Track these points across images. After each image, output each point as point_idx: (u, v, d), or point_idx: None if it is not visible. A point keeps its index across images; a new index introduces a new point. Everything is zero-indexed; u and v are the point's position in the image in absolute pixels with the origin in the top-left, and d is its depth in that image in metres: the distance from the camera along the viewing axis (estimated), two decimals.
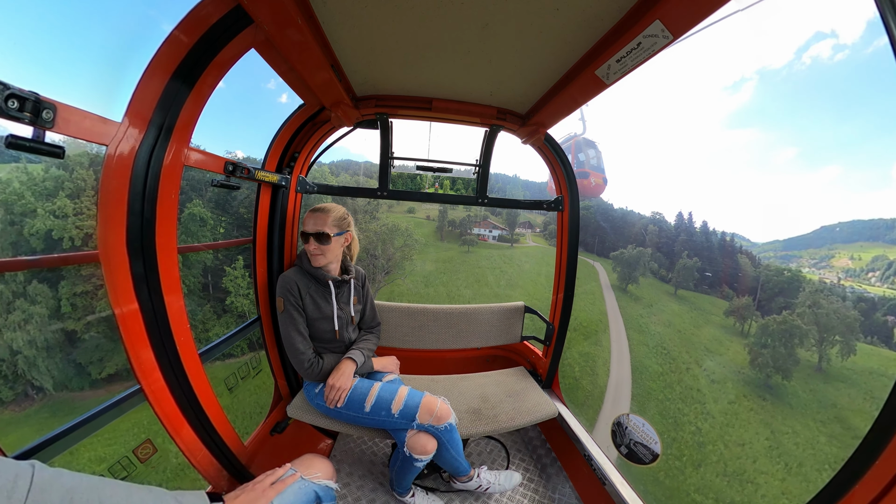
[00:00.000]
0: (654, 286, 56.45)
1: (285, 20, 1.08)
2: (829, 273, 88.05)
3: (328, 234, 1.80)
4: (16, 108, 0.77)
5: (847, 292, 61.66)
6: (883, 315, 52.38)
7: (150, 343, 1.25)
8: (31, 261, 1.40)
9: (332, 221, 1.83)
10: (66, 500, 0.67)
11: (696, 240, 71.06)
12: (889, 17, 0.75)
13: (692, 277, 56.97)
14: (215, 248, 2.12)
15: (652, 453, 1.71)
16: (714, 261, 64.50)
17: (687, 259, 59.10)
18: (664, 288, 56.76)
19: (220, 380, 2.00)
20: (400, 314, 2.51)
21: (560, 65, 1.43)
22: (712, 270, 62.48)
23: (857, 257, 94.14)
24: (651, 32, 1.03)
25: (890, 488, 0.82)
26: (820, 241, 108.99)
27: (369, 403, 1.74)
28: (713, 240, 70.91)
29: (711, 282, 61.16)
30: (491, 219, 70.74)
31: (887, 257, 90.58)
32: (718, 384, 34.41)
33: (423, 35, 1.31)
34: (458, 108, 1.93)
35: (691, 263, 58.06)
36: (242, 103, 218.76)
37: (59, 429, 1.08)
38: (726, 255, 65.82)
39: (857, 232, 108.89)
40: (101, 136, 1.00)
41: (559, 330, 2.39)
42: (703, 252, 66.20)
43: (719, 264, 63.76)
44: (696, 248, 68.08)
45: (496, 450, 2.45)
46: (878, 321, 50.53)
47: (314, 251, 1.81)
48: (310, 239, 1.81)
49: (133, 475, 1.32)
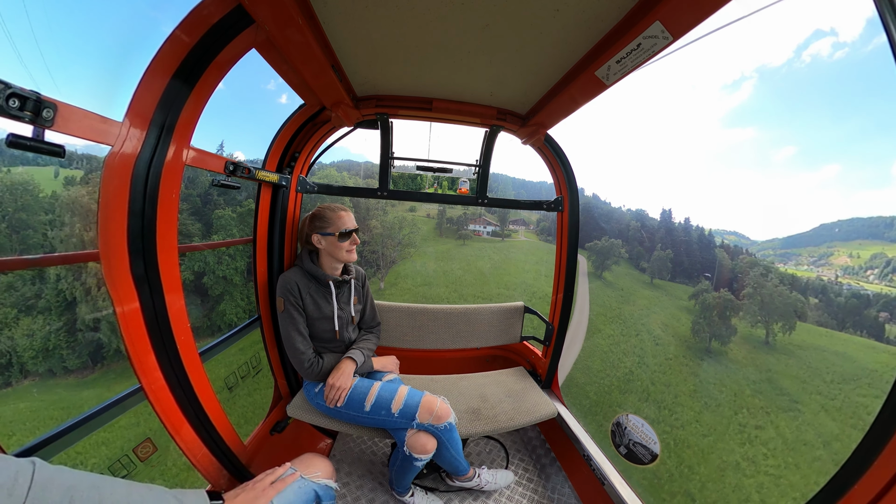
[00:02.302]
0: (631, 276, 64.30)
1: (286, 20, 1.08)
2: (828, 271, 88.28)
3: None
4: (17, 108, 0.77)
5: (843, 289, 65.61)
6: (877, 311, 56.44)
7: (151, 342, 1.25)
8: (31, 260, 1.40)
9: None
10: (67, 498, 0.67)
11: (676, 235, 77.94)
12: (887, 15, 0.76)
13: (666, 268, 64.99)
14: (216, 248, 2.12)
15: (651, 453, 1.72)
16: (692, 254, 72.34)
17: (661, 251, 67.46)
18: (641, 277, 64.27)
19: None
20: (400, 314, 2.51)
21: (560, 65, 1.43)
22: (689, 262, 69.62)
23: (855, 255, 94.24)
24: (651, 33, 1.03)
25: (890, 487, 0.83)
26: (819, 239, 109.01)
27: (369, 403, 1.74)
28: (692, 235, 77.68)
29: (687, 272, 67.79)
30: (486, 216, 75.78)
31: (886, 255, 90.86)
32: (661, 346, 42.34)
33: (424, 35, 1.31)
34: (459, 108, 1.93)
35: (664, 255, 66.42)
36: (242, 104, 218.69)
37: (59, 427, 1.08)
38: (704, 249, 73.42)
39: (857, 230, 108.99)
40: (102, 135, 1.00)
41: (559, 330, 2.40)
42: (680, 246, 73.45)
43: (696, 257, 71.23)
44: (676, 242, 75.07)
45: (496, 450, 2.46)
46: (870, 317, 55.48)
47: (355, 247, 1.89)
48: (353, 235, 1.87)
49: (132, 474, 1.33)
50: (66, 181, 43.92)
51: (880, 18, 0.77)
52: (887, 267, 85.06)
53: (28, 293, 29.85)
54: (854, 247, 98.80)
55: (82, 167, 49.60)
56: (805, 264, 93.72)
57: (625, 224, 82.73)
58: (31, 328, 28.47)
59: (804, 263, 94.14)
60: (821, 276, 78.39)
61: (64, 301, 30.16)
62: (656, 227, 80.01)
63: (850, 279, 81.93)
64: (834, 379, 39.64)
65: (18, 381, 27.01)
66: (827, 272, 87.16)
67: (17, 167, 40.39)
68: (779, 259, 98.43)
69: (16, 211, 36.34)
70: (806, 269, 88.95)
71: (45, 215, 37.63)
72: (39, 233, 36.47)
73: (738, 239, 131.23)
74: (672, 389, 35.17)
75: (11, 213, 36.17)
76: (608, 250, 63.93)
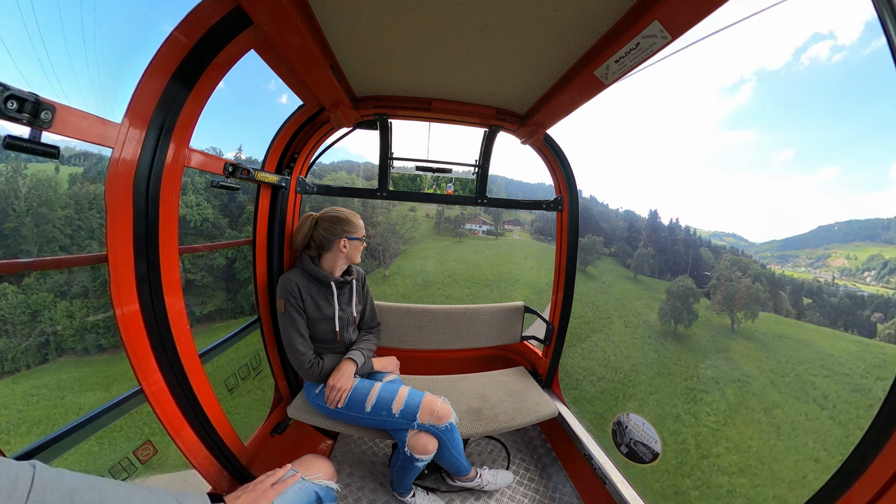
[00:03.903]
0: (616, 271, 70.11)
1: (285, 21, 1.08)
2: (826, 272, 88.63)
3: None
4: (15, 109, 0.77)
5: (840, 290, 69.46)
6: (871, 312, 59.87)
7: (151, 344, 1.25)
8: (30, 262, 1.39)
9: None
10: (67, 501, 0.67)
11: (661, 234, 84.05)
12: (887, 17, 0.75)
13: (648, 264, 71.75)
14: (215, 249, 2.11)
15: (652, 452, 1.72)
16: (678, 252, 78.96)
17: (643, 248, 74.73)
18: (625, 273, 70.10)
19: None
20: (400, 314, 2.51)
21: (559, 65, 1.43)
22: (675, 260, 76.02)
23: (853, 257, 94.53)
24: (650, 33, 1.03)
25: (889, 486, 0.82)
26: (817, 241, 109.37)
27: (370, 404, 1.74)
28: (678, 234, 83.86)
29: (672, 269, 73.59)
30: (482, 216, 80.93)
31: (882, 256, 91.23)
32: (630, 328, 47.87)
33: (423, 36, 1.31)
34: (458, 108, 1.93)
35: (647, 252, 73.73)
36: (242, 105, 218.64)
37: (59, 430, 1.07)
38: (688, 247, 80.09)
39: (854, 232, 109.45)
40: (100, 137, 1.00)
41: (559, 330, 2.39)
42: (666, 244, 79.96)
43: (681, 254, 77.92)
44: (661, 241, 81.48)
45: (497, 450, 2.45)
46: (862, 317, 59.64)
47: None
48: (363, 238, 1.97)
49: (132, 476, 1.32)
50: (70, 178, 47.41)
51: (879, 21, 0.77)
52: (884, 269, 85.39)
53: (61, 280, 33.90)
54: (851, 248, 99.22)
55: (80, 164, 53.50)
56: (803, 266, 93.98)
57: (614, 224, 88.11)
58: (70, 310, 33.21)
59: (802, 265, 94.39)
60: (817, 278, 79.43)
61: (103, 283, 32.49)
62: (641, 227, 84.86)
63: (846, 280, 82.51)
64: (789, 360, 44.35)
65: (55, 359, 31.35)
66: (824, 274, 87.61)
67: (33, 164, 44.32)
68: (777, 261, 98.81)
69: (39, 205, 40.66)
70: (803, 270, 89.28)
71: (62, 210, 41.65)
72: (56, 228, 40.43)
73: (736, 241, 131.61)
74: (630, 360, 41.18)
75: (35, 207, 40.33)
76: (590, 247, 71.17)
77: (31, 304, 31.89)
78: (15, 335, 30.57)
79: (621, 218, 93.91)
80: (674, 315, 48.72)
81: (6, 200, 40.30)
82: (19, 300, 31.90)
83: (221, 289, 40.58)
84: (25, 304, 31.73)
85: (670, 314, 48.94)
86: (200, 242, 18.90)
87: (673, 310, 49.10)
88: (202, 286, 39.78)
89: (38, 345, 31.00)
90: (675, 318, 48.55)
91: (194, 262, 39.38)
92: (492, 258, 65.33)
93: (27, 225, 39.26)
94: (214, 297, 40.25)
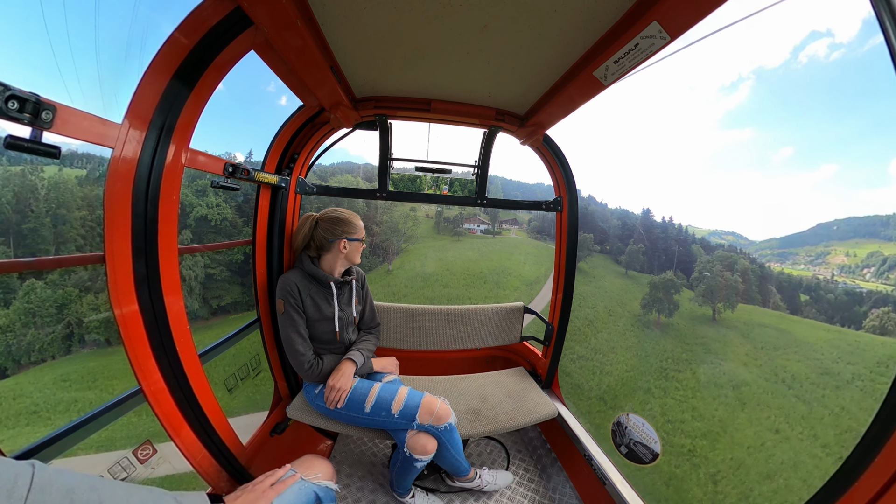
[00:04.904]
0: (608, 267, 72.87)
1: (284, 22, 1.08)
2: (825, 269, 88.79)
3: None
4: (16, 109, 0.77)
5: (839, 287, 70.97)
6: (869, 308, 61.03)
7: (150, 344, 1.25)
8: (30, 262, 1.39)
9: None
10: (67, 500, 0.67)
11: (654, 232, 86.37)
12: (884, 15, 0.76)
13: (638, 260, 74.08)
14: (215, 249, 2.12)
15: (652, 453, 1.72)
16: (669, 249, 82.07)
17: (633, 245, 77.59)
18: (617, 269, 72.54)
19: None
20: (399, 315, 2.51)
21: (558, 66, 1.44)
22: (666, 257, 78.93)
23: (852, 254, 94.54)
24: (649, 33, 1.03)
25: (889, 486, 0.83)
26: (816, 239, 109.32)
27: (369, 404, 1.74)
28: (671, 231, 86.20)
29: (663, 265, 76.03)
30: (480, 216, 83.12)
31: (882, 253, 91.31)
32: (613, 317, 50.97)
33: (422, 36, 1.31)
34: (457, 109, 1.93)
35: (637, 248, 76.58)
36: (242, 106, 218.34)
37: (59, 429, 1.08)
38: (680, 245, 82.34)
39: (854, 229, 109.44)
40: (101, 137, 1.00)
41: (559, 330, 2.40)
42: (658, 241, 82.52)
43: (673, 251, 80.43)
44: (654, 238, 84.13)
45: (496, 450, 2.45)
46: (858, 313, 61.09)
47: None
48: (363, 239, 1.98)
49: (132, 476, 1.32)
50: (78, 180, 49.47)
51: (877, 18, 0.77)
52: (883, 265, 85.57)
53: (85, 276, 36.36)
54: (850, 245, 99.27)
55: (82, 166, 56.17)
56: (802, 263, 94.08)
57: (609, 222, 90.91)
58: (96, 303, 35.86)
59: (801, 262, 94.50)
60: (817, 275, 79.86)
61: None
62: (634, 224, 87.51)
63: (846, 277, 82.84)
64: (765, 346, 46.95)
65: (77, 350, 34.01)
66: (824, 271, 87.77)
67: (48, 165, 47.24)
68: (776, 258, 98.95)
69: (58, 207, 43.36)
70: (803, 268, 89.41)
71: (78, 212, 44.12)
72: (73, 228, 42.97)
73: (736, 239, 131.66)
74: (610, 344, 44.82)
75: (54, 209, 42.99)
76: (581, 243, 70.67)
77: (58, 299, 34.42)
78: (42, 327, 32.72)
79: (615, 216, 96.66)
80: (655, 305, 52.39)
81: (25, 202, 42.51)
82: (46, 294, 34.26)
83: (237, 283, 42.70)
84: (52, 298, 34.13)
85: (652, 304, 52.43)
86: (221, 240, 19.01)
87: (654, 300, 52.67)
88: (220, 280, 42.42)
89: (62, 336, 33.23)
90: (657, 308, 52.24)
91: (214, 258, 42.03)
92: (488, 255, 68.05)
93: (46, 225, 41.42)
94: (231, 291, 42.87)
